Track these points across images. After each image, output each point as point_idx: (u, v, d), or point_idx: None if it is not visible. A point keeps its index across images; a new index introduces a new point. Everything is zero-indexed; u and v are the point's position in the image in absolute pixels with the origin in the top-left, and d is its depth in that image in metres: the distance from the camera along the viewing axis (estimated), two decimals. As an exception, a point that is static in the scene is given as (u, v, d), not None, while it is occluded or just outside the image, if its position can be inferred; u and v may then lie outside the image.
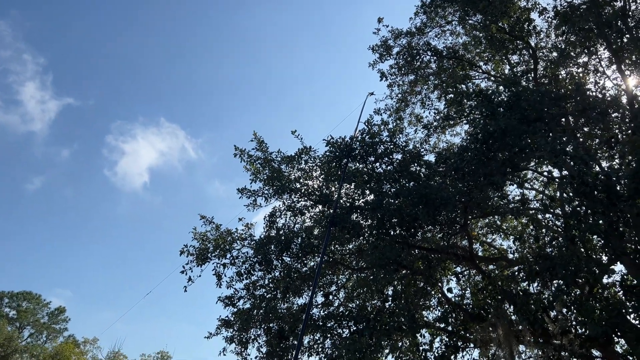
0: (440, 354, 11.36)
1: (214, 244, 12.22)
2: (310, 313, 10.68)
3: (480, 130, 9.45)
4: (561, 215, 11.50)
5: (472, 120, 10.39)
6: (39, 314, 48.75)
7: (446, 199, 8.78)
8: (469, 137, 11.48)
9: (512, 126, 8.61)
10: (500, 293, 10.32)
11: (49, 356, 32.48)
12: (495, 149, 9.17)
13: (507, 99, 9.79)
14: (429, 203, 9.00)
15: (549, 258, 8.51)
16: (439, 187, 9.48)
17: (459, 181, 9.81)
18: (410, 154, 10.70)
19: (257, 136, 12.36)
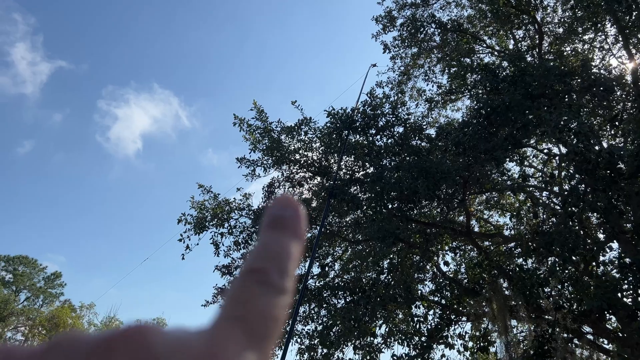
0: (434, 326, 11.52)
1: (211, 213, 12.21)
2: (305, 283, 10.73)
3: (483, 104, 9.35)
4: (559, 193, 11.53)
5: (475, 95, 10.27)
6: (35, 278, 49.12)
7: (446, 173, 8.74)
8: (471, 111, 11.39)
9: (516, 101, 8.51)
10: (496, 268, 10.41)
11: (45, 320, 32.83)
12: (498, 124, 9.10)
13: (512, 74, 9.67)
14: (429, 177, 8.96)
15: (547, 234, 8.53)
16: (439, 161, 9.43)
17: (460, 156, 9.77)
18: (411, 127, 10.61)
19: (256, 105, 12.20)
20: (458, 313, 12.01)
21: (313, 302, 12.14)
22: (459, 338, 12.07)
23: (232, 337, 0.28)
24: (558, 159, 11.29)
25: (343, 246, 14.38)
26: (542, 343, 9.73)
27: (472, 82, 10.18)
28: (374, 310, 9.68)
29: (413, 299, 9.92)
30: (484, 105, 9.34)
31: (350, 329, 9.53)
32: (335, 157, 11.69)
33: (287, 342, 8.44)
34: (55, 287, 49.98)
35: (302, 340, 12.11)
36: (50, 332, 30.74)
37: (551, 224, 10.11)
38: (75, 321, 31.33)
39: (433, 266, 12.52)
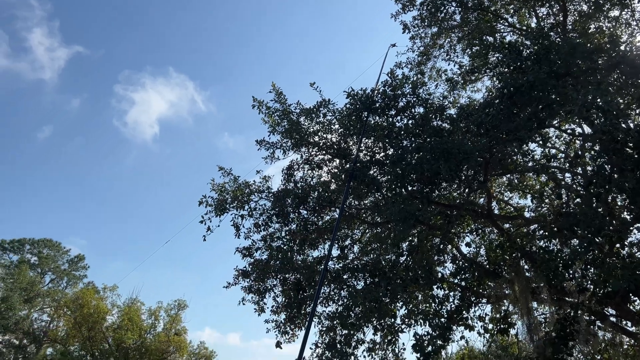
0: (454, 308, 11.51)
1: (232, 195, 12.29)
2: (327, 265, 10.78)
3: (507, 84, 9.17)
4: (583, 174, 11.32)
5: (497, 74, 10.07)
6: (59, 261, 50.28)
7: (468, 154, 8.63)
8: (493, 91, 11.19)
9: (540, 80, 8.32)
10: (518, 250, 10.31)
11: (70, 301, 33.60)
12: (521, 104, 8.93)
13: (536, 52, 9.44)
14: (450, 158, 8.86)
15: (571, 215, 8.40)
16: (460, 142, 9.31)
17: (482, 137, 9.63)
18: (432, 108, 10.47)
19: (275, 87, 12.16)
20: (478, 295, 11.96)
21: (333, 284, 12.21)
22: (479, 320, 12.05)
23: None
24: (582, 139, 11.05)
25: (362, 229, 14.38)
26: (565, 325, 9.65)
27: (495, 61, 9.98)
28: (394, 291, 9.69)
29: (434, 280, 9.90)
30: (507, 85, 9.15)
31: (371, 309, 9.57)
32: (354, 139, 11.62)
33: (309, 323, 8.51)
34: (78, 269, 51.14)
35: (321, 321, 12.22)
36: (75, 313, 31.51)
37: (575, 205, 9.95)
38: (99, 303, 32.01)
39: (453, 248, 12.46)
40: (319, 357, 11.59)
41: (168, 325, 33.36)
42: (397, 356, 11.78)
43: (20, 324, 36.34)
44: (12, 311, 34.72)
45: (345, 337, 11.10)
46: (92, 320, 30.95)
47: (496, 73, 10.63)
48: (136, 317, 32.21)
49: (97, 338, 31.24)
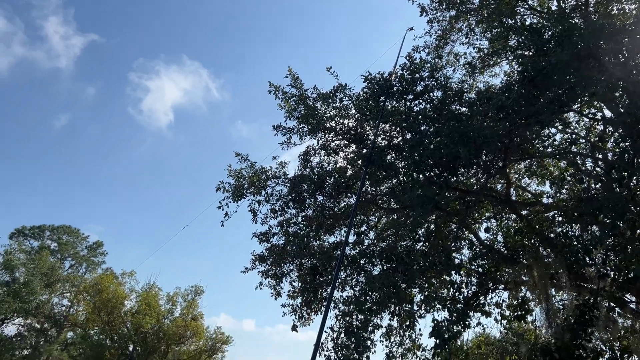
0: (471, 294, 11.46)
1: (248, 181, 12.33)
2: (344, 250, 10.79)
3: (528, 66, 9.00)
4: (603, 159, 11.13)
5: (518, 57, 9.89)
6: (78, 247, 51.12)
7: (488, 138, 8.52)
8: (512, 75, 11.01)
9: (563, 62, 8.15)
10: (538, 235, 10.20)
11: (89, 286, 34.22)
12: (543, 87, 8.76)
13: (558, 34, 9.24)
14: (469, 142, 8.76)
15: (593, 200, 8.27)
16: (480, 126, 9.19)
17: (501, 121, 9.49)
18: (451, 92, 10.34)
19: (292, 72, 12.09)
20: (495, 281, 11.89)
21: (349, 269, 12.23)
22: (496, 307, 11.99)
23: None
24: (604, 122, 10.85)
25: (378, 215, 14.34)
26: (584, 311, 9.56)
27: (515, 44, 9.79)
28: (412, 277, 9.68)
29: (452, 266, 9.85)
30: (528, 68, 8.98)
31: (389, 295, 9.57)
32: (371, 124, 11.55)
33: (327, 308, 8.54)
34: (97, 255, 51.96)
35: (337, 306, 12.27)
36: (94, 298, 32.09)
37: (596, 190, 9.80)
38: (117, 288, 32.55)
39: (470, 234, 12.38)
40: (334, 342, 11.67)
41: (185, 311, 33.84)
42: (414, 341, 11.80)
43: (42, 308, 37.14)
44: (33, 295, 35.46)
45: (362, 322, 11.14)
46: (111, 305, 31.51)
47: (516, 56, 10.45)
48: (154, 303, 32.72)
49: (116, 322, 31.82)
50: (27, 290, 35.08)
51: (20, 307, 34.71)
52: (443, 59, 15.10)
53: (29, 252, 42.45)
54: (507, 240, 11.77)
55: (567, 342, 9.32)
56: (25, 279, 36.10)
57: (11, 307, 33.95)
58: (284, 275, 12.55)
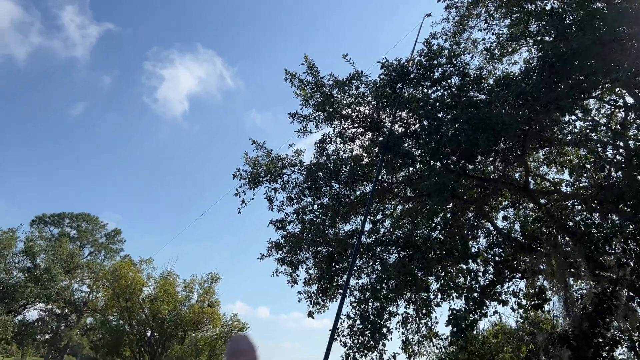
0: (487, 283, 11.41)
1: (265, 168, 12.36)
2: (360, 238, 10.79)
3: (548, 52, 8.83)
4: (623, 147, 10.93)
5: (538, 42, 9.71)
6: (97, 234, 51.99)
7: (507, 125, 8.41)
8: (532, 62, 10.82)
9: (585, 46, 7.98)
10: (556, 224, 10.09)
11: (108, 273, 34.81)
12: (564, 73, 8.60)
13: (580, 18, 9.04)
14: (487, 129, 8.65)
15: (615, 188, 8.14)
16: (498, 113, 9.07)
17: (520, 108, 9.36)
18: (469, 79, 10.20)
19: (308, 59, 12.02)
20: (512, 270, 11.82)
21: (365, 257, 12.25)
22: (512, 295, 11.93)
23: None
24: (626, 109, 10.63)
25: (394, 203, 14.30)
26: (603, 300, 9.46)
27: (536, 29, 9.60)
28: (428, 265, 9.65)
29: (469, 254, 9.81)
30: (549, 53, 8.82)
31: (405, 283, 9.57)
32: (388, 111, 11.47)
33: (343, 296, 8.57)
34: (115, 242, 52.82)
35: (353, 293, 12.31)
36: (113, 285, 32.62)
37: (617, 178, 9.65)
38: (135, 275, 33.04)
39: (488, 222, 12.29)
40: (350, 329, 11.73)
41: (202, 298, 34.28)
42: (430, 329, 11.81)
43: (62, 293, 37.93)
44: (54, 281, 36.22)
45: (378, 310, 11.17)
46: (129, 292, 32.04)
47: (536, 42, 10.26)
48: (171, 289, 33.19)
49: (134, 308, 32.37)
50: (48, 276, 35.82)
51: (42, 293, 35.48)
52: (461, 45, 14.89)
53: (49, 239, 43.29)
54: (525, 229, 11.66)
55: (586, 331, 9.24)
56: (45, 265, 36.85)
57: (33, 292, 34.73)
58: (299, 263, 12.62)
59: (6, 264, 36.94)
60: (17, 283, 35.24)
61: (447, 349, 12.81)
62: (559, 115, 8.78)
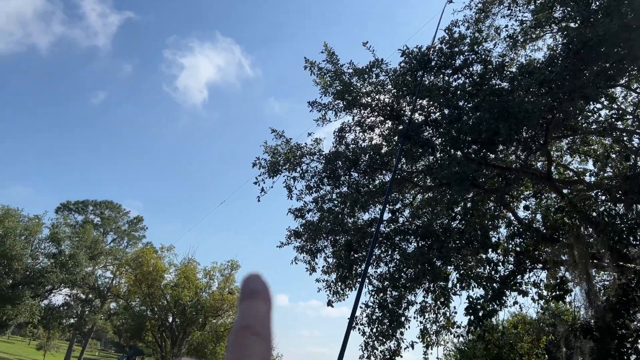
0: (507, 273, 11.32)
1: (284, 157, 12.39)
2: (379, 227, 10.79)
3: (573, 38, 8.63)
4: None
5: (563, 29, 9.49)
6: (119, 222, 52.95)
7: (529, 114, 8.27)
8: (556, 48, 10.59)
9: (611, 33, 7.77)
10: (579, 214, 9.93)
11: (130, 259, 35.46)
12: (589, 60, 8.41)
13: (606, 4, 8.80)
14: (510, 118, 8.53)
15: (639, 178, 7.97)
16: (521, 101, 8.92)
17: (543, 96, 9.19)
18: (491, 66, 10.03)
19: (327, 48, 11.97)
20: (533, 260, 11.69)
21: (383, 246, 12.24)
22: (533, 286, 11.82)
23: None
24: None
25: (413, 192, 14.23)
26: (627, 291, 9.32)
27: (561, 15, 9.38)
28: (447, 254, 9.61)
29: (489, 244, 9.73)
30: (574, 40, 8.62)
31: (424, 272, 9.55)
32: (408, 99, 11.37)
33: (362, 284, 8.59)
34: (137, 230, 53.72)
35: (371, 281, 12.33)
36: (136, 271, 33.23)
37: (643, 168, 9.42)
38: (157, 262, 33.58)
39: (508, 212, 12.16)
40: (369, 317, 11.77)
41: (222, 285, 34.73)
42: (449, 319, 11.79)
43: (86, 279, 38.82)
44: (78, 267, 37.05)
45: (396, 298, 11.19)
46: (151, 278, 32.61)
47: (561, 28, 10.03)
48: (192, 276, 33.68)
49: (156, 295, 32.96)
50: (73, 262, 36.66)
51: (67, 278, 36.36)
52: (483, 32, 14.64)
53: (73, 226, 44.24)
54: (547, 219, 11.51)
55: (609, 322, 9.13)
56: (70, 251, 37.70)
57: (58, 277, 35.60)
58: (318, 251, 12.67)
59: (32, 250, 37.92)
60: (43, 268, 36.18)
61: (465, 338, 12.78)
62: (583, 103, 8.59)
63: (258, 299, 0.51)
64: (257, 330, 0.47)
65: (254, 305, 0.50)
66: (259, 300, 0.51)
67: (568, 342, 14.13)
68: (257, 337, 0.46)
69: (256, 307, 0.50)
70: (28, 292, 34.25)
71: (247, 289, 0.52)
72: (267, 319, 0.49)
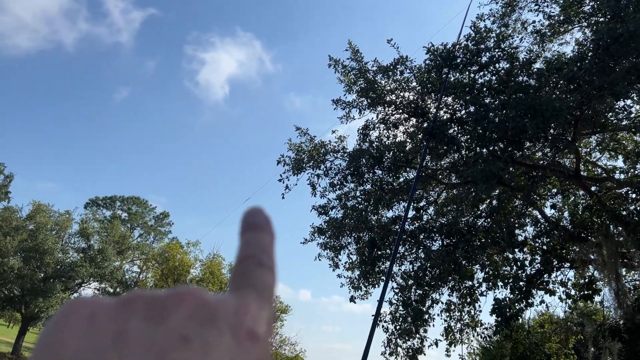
0: (534, 272, 11.18)
1: (308, 155, 12.46)
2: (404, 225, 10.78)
3: (603, 34, 8.45)
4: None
5: (592, 24, 9.30)
6: (146, 217, 53.92)
7: (557, 111, 8.14)
8: (585, 44, 10.38)
9: (643, 28, 7.59)
10: (609, 213, 9.74)
11: (157, 254, 36.07)
12: (619, 56, 8.22)
13: (638, -2, 8.59)
14: (537, 115, 8.41)
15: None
16: (548, 98, 8.78)
17: (572, 93, 9.02)
18: (518, 63, 9.89)
19: (352, 45, 11.96)
20: (561, 259, 11.51)
21: (407, 244, 12.22)
22: (560, 285, 11.64)
23: (251, 297, 0.41)
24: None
25: (437, 190, 14.14)
26: (658, 292, 9.12)
27: (590, 10, 9.19)
28: (473, 253, 9.54)
29: (516, 243, 9.62)
30: (603, 35, 8.44)
31: (449, 271, 9.51)
32: (433, 96, 11.30)
33: (386, 282, 8.61)
34: (164, 225, 54.62)
35: (395, 279, 12.33)
36: (162, 266, 33.81)
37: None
38: (183, 256, 34.08)
39: (535, 210, 11.99)
40: (392, 314, 11.79)
41: (246, 280, 35.05)
42: (473, 318, 11.72)
43: (115, 273, 39.65)
44: (107, 262, 37.87)
45: (420, 296, 11.17)
46: (177, 273, 33.12)
47: (590, 23, 9.83)
48: (217, 271, 34.09)
49: (182, 289, 33.47)
50: (102, 257, 37.49)
51: (96, 272, 37.22)
52: (509, 27, 14.42)
53: (102, 221, 45.22)
54: (575, 217, 11.31)
55: (638, 323, 8.95)
56: (99, 246, 38.56)
57: (88, 271, 36.47)
58: (342, 248, 12.72)
59: (63, 245, 38.93)
60: (73, 262, 37.10)
61: (491, 338, 12.67)
62: (613, 100, 8.41)
63: (261, 230, 0.48)
64: (261, 260, 0.45)
65: (257, 236, 0.48)
66: (262, 232, 0.48)
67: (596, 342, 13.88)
68: (262, 267, 0.44)
69: (260, 238, 0.47)
70: (59, 286, 35.20)
71: (250, 221, 0.49)
72: (271, 249, 0.47)
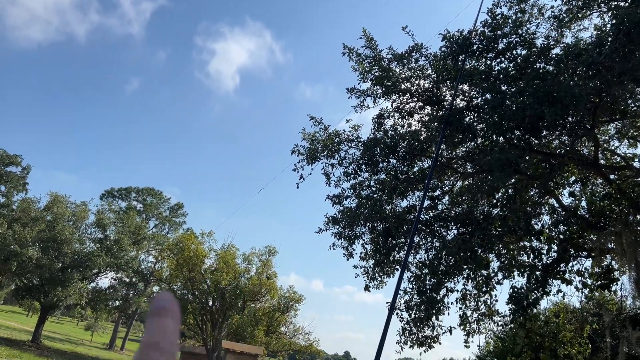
0: (551, 261, 11.07)
1: (322, 144, 12.42)
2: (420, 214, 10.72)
3: (623, 18, 8.27)
4: None
5: (612, 8, 9.10)
6: (161, 208, 54.43)
7: (576, 98, 8.00)
8: (604, 29, 10.18)
9: (666, 12, 7.41)
10: (628, 201, 9.59)
11: (172, 245, 36.43)
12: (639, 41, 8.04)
13: (661, -19, 8.39)
14: (555, 102, 8.27)
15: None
16: (567, 84, 8.63)
17: (591, 79, 8.86)
18: (536, 49, 9.72)
19: (366, 33, 11.85)
20: (578, 248, 11.38)
21: (422, 233, 12.16)
22: (577, 274, 11.53)
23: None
24: None
25: (452, 179, 14.04)
26: (678, 281, 8.99)
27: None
28: (489, 242, 9.48)
29: (533, 232, 9.53)
30: (624, 20, 8.26)
31: (465, 259, 9.46)
32: (448, 84, 11.17)
33: (402, 271, 8.60)
34: (178, 216, 55.14)
35: (409, 268, 12.30)
36: (177, 256, 34.14)
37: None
38: (198, 247, 34.37)
39: (552, 199, 11.86)
40: (407, 303, 11.78)
41: (260, 270, 35.30)
42: (489, 307, 11.66)
43: (130, 263, 40.15)
44: (123, 252, 38.36)
45: (435, 285, 11.13)
46: (192, 263, 33.44)
47: (610, 7, 9.63)
48: (231, 261, 34.35)
49: (196, 279, 33.81)
50: (118, 247, 37.96)
51: (112, 262, 37.72)
52: (526, 13, 14.18)
53: (117, 212, 45.74)
54: (593, 206, 11.16)
55: (658, 313, 8.84)
56: (115, 236, 39.04)
57: (104, 261, 36.97)
58: (356, 238, 12.70)
59: (80, 235, 39.49)
60: (90, 252, 37.64)
61: (507, 326, 12.62)
62: (634, 86, 8.25)
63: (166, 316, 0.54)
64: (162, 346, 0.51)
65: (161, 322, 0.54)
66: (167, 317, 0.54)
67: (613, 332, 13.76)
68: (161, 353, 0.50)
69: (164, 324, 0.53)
70: (76, 275, 35.75)
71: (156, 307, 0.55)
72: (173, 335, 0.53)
